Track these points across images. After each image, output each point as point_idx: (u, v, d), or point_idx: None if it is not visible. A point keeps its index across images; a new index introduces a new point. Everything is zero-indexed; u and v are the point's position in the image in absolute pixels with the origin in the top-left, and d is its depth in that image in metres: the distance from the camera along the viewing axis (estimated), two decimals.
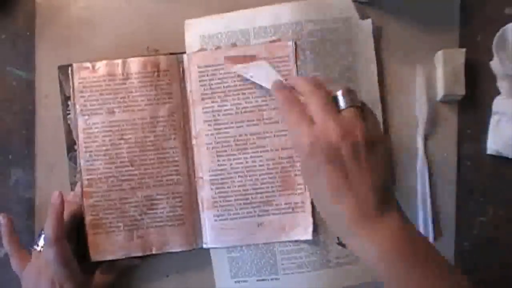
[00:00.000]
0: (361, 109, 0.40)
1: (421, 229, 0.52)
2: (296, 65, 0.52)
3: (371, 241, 0.37)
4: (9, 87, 0.55)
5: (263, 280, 0.52)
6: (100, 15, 0.55)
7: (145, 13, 0.55)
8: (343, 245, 0.52)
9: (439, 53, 0.53)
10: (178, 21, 0.54)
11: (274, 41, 0.52)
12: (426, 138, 0.53)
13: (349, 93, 0.40)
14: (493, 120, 0.53)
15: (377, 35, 0.54)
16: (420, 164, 0.53)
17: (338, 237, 0.52)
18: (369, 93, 0.53)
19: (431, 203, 0.53)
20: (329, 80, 0.51)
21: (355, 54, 0.53)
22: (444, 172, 0.53)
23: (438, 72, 0.53)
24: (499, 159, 0.53)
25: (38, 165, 0.54)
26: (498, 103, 0.53)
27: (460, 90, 0.52)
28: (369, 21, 0.53)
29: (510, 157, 0.53)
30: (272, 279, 0.52)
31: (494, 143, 0.53)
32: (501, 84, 0.53)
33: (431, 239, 0.52)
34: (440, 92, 0.53)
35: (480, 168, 0.54)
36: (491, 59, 0.53)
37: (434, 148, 0.53)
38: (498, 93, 0.54)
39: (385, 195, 0.38)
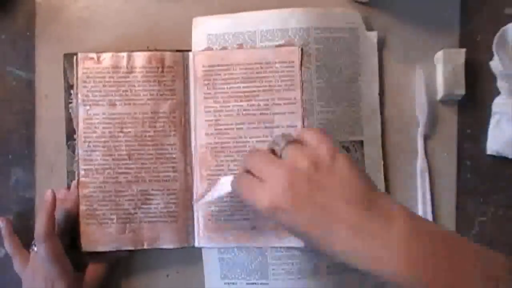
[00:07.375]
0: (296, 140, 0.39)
1: None
2: (301, 71, 0.52)
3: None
4: (9, 87, 0.55)
5: (252, 284, 0.52)
6: (100, 15, 0.55)
7: (145, 13, 0.55)
8: None
9: (439, 53, 0.53)
10: (178, 21, 0.54)
11: (281, 45, 0.52)
12: (426, 138, 0.53)
13: (283, 136, 0.39)
14: (493, 120, 0.53)
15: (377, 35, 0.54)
16: (420, 164, 0.53)
17: None
18: (369, 106, 0.53)
19: (431, 203, 0.53)
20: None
21: (359, 65, 0.53)
22: (444, 172, 0.53)
23: (438, 72, 0.53)
24: (499, 159, 0.53)
25: (38, 165, 0.54)
26: (498, 103, 0.53)
27: (460, 90, 0.52)
28: (374, 33, 0.53)
29: (510, 157, 0.53)
30: (261, 284, 0.52)
31: (494, 143, 0.53)
32: (501, 84, 0.53)
33: None
34: (440, 92, 0.53)
35: (480, 168, 0.53)
36: (491, 59, 0.53)
37: (434, 148, 0.53)
38: (498, 93, 0.54)
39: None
